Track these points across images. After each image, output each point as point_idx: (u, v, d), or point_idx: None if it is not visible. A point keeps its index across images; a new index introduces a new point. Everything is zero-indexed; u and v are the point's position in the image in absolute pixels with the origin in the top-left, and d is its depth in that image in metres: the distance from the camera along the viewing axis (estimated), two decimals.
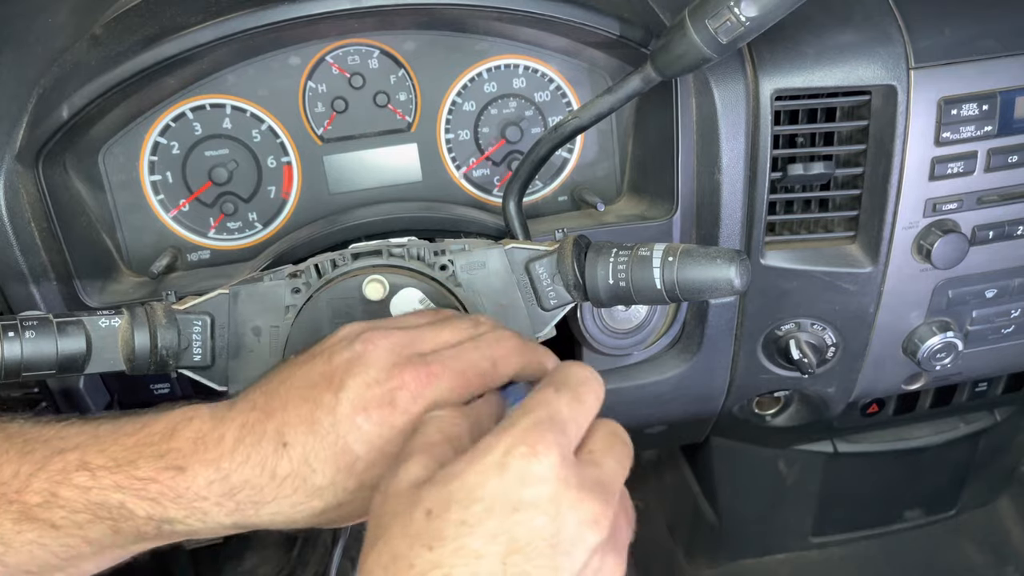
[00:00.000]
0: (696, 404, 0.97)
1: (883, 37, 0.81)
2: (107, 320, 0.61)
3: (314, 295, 0.63)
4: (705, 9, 0.64)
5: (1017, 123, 0.83)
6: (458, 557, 0.40)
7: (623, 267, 0.61)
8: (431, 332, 0.56)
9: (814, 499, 1.39)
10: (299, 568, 1.63)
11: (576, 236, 0.65)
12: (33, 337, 0.58)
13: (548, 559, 0.40)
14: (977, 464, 1.40)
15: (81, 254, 0.77)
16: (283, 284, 0.64)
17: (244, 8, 0.71)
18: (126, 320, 0.61)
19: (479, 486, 0.41)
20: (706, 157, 0.81)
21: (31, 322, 0.59)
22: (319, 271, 0.64)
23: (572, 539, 0.41)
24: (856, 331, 0.91)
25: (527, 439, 0.42)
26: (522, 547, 0.40)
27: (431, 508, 0.42)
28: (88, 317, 0.61)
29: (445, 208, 0.84)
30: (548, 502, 0.41)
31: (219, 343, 0.64)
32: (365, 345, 0.53)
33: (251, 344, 0.64)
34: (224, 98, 0.82)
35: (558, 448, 0.42)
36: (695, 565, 1.50)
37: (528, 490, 0.41)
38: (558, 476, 0.42)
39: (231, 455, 0.52)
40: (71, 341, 0.59)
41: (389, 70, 0.84)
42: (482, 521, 0.40)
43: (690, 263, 0.60)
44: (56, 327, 0.59)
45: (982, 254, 0.88)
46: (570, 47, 0.84)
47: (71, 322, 0.60)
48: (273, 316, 0.64)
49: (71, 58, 0.75)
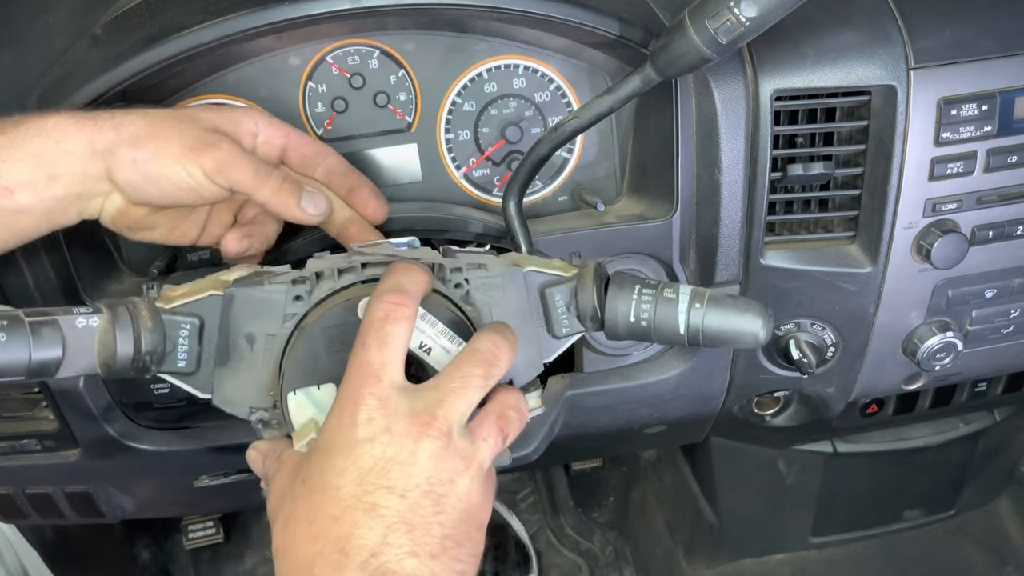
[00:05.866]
0: (696, 404, 0.97)
1: (883, 37, 0.81)
2: (84, 319, 0.55)
3: (308, 325, 0.59)
4: (705, 9, 0.64)
5: (1017, 123, 0.83)
6: (326, 495, 0.50)
7: (647, 306, 0.61)
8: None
9: (814, 499, 1.38)
10: None
11: (595, 265, 0.64)
12: (3, 341, 0.51)
13: (394, 469, 0.51)
14: (976, 464, 1.40)
15: (81, 254, 0.77)
16: (284, 290, 0.60)
17: (244, 8, 0.71)
18: (106, 320, 0.55)
19: (329, 446, 0.52)
20: (706, 157, 0.81)
21: (1, 321, 0.51)
22: (319, 277, 0.61)
23: (411, 450, 0.51)
24: (856, 331, 0.92)
25: (350, 398, 0.52)
26: (370, 468, 0.51)
27: (305, 476, 0.53)
28: (63, 316, 0.54)
29: (445, 208, 0.84)
30: (382, 432, 0.51)
31: (206, 348, 0.60)
32: None
33: (243, 352, 0.60)
34: (224, 98, 0.82)
35: (374, 397, 0.52)
36: (695, 565, 1.51)
37: (359, 430, 0.51)
38: (386, 412, 0.52)
39: None
40: (46, 345, 0.53)
41: (389, 70, 0.84)
42: (334, 465, 0.51)
43: (718, 312, 0.60)
44: (30, 329, 0.52)
45: (982, 254, 0.88)
46: (570, 47, 0.84)
47: (46, 323, 0.53)
48: (269, 324, 0.60)
49: (71, 58, 0.75)
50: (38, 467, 0.89)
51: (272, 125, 0.71)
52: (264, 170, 0.67)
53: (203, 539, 1.63)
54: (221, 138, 0.66)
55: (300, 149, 0.73)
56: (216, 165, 0.64)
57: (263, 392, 0.61)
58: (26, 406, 0.84)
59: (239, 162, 0.65)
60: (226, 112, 0.70)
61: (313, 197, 0.69)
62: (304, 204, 0.68)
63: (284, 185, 0.67)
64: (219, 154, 0.64)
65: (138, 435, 0.87)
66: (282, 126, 0.72)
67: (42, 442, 0.86)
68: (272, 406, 0.62)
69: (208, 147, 0.64)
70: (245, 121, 0.70)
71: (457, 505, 0.52)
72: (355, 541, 0.49)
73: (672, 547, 1.54)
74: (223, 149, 0.65)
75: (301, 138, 0.73)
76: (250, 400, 0.62)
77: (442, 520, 0.51)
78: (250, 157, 0.67)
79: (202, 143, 0.64)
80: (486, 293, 0.63)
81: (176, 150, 0.63)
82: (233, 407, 0.62)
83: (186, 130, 0.65)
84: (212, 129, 0.67)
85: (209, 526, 1.63)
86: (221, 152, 0.64)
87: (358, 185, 0.75)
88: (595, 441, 1.09)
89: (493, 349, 0.56)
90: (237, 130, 0.69)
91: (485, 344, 0.57)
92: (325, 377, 0.58)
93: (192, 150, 0.63)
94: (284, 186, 0.67)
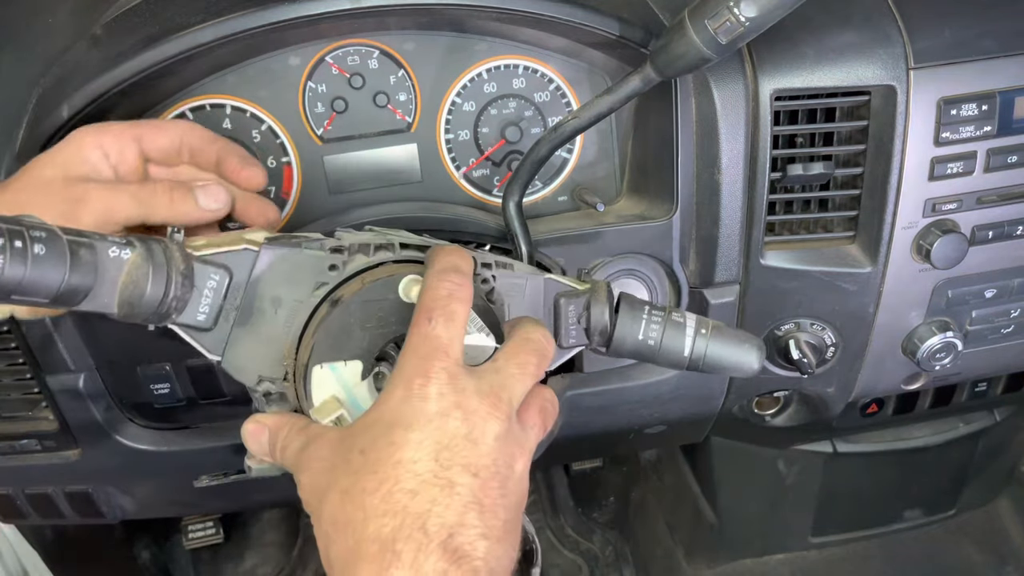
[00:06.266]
0: (696, 404, 0.97)
1: (882, 37, 0.81)
2: (117, 250, 0.50)
3: (345, 297, 0.57)
4: (705, 9, 0.64)
5: (1016, 123, 0.83)
6: (400, 468, 0.48)
7: (656, 328, 0.62)
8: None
9: (814, 499, 1.38)
10: (299, 568, 1.64)
11: (607, 283, 0.65)
12: (42, 255, 0.46)
13: (467, 447, 0.49)
14: (976, 464, 1.40)
15: None
16: (321, 257, 0.57)
17: (244, 8, 0.71)
18: (139, 255, 0.51)
19: (396, 417, 0.50)
20: (706, 157, 0.81)
21: (39, 233, 0.46)
22: (361, 250, 0.58)
23: (481, 430, 0.50)
24: (855, 331, 0.92)
25: (418, 370, 0.50)
26: (446, 444, 0.49)
27: (363, 447, 0.49)
28: (100, 242, 0.50)
29: (445, 208, 0.84)
30: (454, 407, 0.50)
31: (228, 305, 0.56)
32: None
33: (266, 315, 0.57)
34: (224, 98, 0.82)
35: (445, 372, 0.50)
36: (695, 565, 1.51)
37: (431, 404, 0.50)
38: (455, 389, 0.50)
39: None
40: (82, 270, 0.48)
41: (389, 70, 0.84)
42: (407, 438, 0.49)
43: (721, 342, 0.63)
44: (68, 248, 0.47)
45: (981, 254, 0.88)
46: (570, 47, 0.84)
47: (83, 244, 0.48)
48: (300, 289, 0.57)
49: (71, 58, 0.75)
50: (38, 467, 0.89)
51: (115, 135, 0.65)
52: (144, 191, 0.62)
53: (203, 539, 1.63)
54: (85, 187, 0.61)
55: (156, 144, 0.66)
56: (96, 218, 0.59)
57: (276, 361, 0.58)
58: (26, 406, 0.84)
59: (114, 200, 0.60)
60: (66, 151, 0.63)
61: (207, 190, 0.64)
62: (203, 202, 0.64)
63: (173, 194, 0.62)
64: (92, 205, 0.59)
65: (138, 435, 0.88)
66: (125, 131, 0.65)
67: (42, 442, 0.86)
68: (282, 377, 0.59)
69: (77, 204, 0.59)
70: (88, 149, 0.63)
71: (515, 489, 0.51)
72: (434, 519, 0.47)
73: (672, 547, 1.54)
74: (92, 198, 0.60)
75: (153, 132, 0.66)
76: (261, 368, 0.58)
77: (506, 503, 0.50)
78: (121, 187, 0.62)
79: (69, 203, 0.59)
80: (507, 293, 0.64)
81: None
82: (241, 373, 0.58)
83: (48, 202, 0.59)
84: (69, 180, 0.61)
85: (209, 526, 1.63)
86: (92, 202, 0.60)
87: (225, 155, 0.69)
88: (595, 441, 1.09)
89: (544, 341, 0.57)
90: (89, 167, 0.63)
91: (537, 335, 0.57)
92: (354, 353, 0.56)
93: (64, 218, 0.58)
94: (174, 195, 0.62)
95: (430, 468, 0.48)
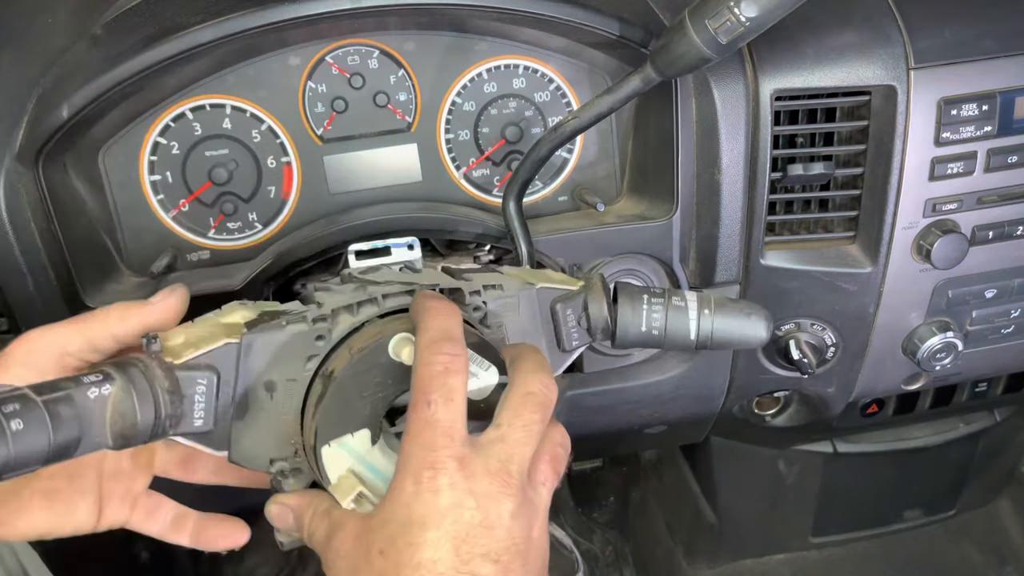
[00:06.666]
0: (696, 404, 0.97)
1: (883, 37, 0.81)
2: (96, 389, 0.48)
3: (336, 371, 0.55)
4: (705, 9, 0.64)
5: (1017, 123, 0.83)
6: (422, 570, 0.47)
7: (658, 315, 0.62)
8: None
9: (814, 499, 1.39)
10: (299, 568, 1.64)
11: (600, 276, 0.64)
12: (20, 430, 0.43)
13: (484, 535, 0.49)
14: (976, 464, 1.40)
15: (81, 254, 0.77)
16: (305, 331, 0.56)
17: (244, 8, 0.71)
18: (119, 388, 0.48)
19: (411, 515, 0.49)
20: (706, 157, 0.81)
21: (12, 407, 0.43)
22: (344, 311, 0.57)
23: (496, 512, 0.49)
24: (856, 331, 0.91)
25: (425, 462, 0.49)
26: (464, 537, 0.48)
27: (382, 548, 0.49)
28: (75, 389, 0.47)
29: (445, 208, 0.84)
30: (466, 496, 0.49)
31: (222, 402, 0.54)
32: None
33: (262, 402, 0.55)
34: (224, 98, 0.82)
35: (452, 460, 0.49)
36: (695, 565, 1.50)
37: (443, 498, 0.49)
38: (465, 476, 0.49)
39: None
40: (66, 427, 0.46)
41: (389, 70, 0.84)
42: (424, 537, 0.48)
43: (726, 317, 0.62)
44: (46, 411, 0.44)
45: (982, 254, 0.88)
46: (570, 47, 0.84)
47: (60, 399, 0.46)
48: (291, 368, 0.55)
49: (71, 58, 0.75)
50: None
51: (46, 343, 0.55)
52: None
53: None
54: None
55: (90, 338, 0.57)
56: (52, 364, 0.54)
57: (283, 441, 0.57)
58: None
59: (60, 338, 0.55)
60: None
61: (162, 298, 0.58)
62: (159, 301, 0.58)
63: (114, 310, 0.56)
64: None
65: None
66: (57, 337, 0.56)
67: None
68: (293, 454, 0.58)
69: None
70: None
71: (537, 557, 0.52)
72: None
73: (672, 547, 1.54)
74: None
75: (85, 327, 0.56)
76: (270, 452, 0.57)
77: (528, 569, 0.50)
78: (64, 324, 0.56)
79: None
80: (502, 313, 0.62)
81: None
82: (252, 462, 0.57)
83: None
84: None
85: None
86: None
87: None
88: (595, 441, 1.09)
89: (545, 391, 0.55)
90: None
91: (537, 386, 0.54)
92: (359, 423, 0.55)
93: None
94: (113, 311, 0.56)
95: (451, 564, 0.48)
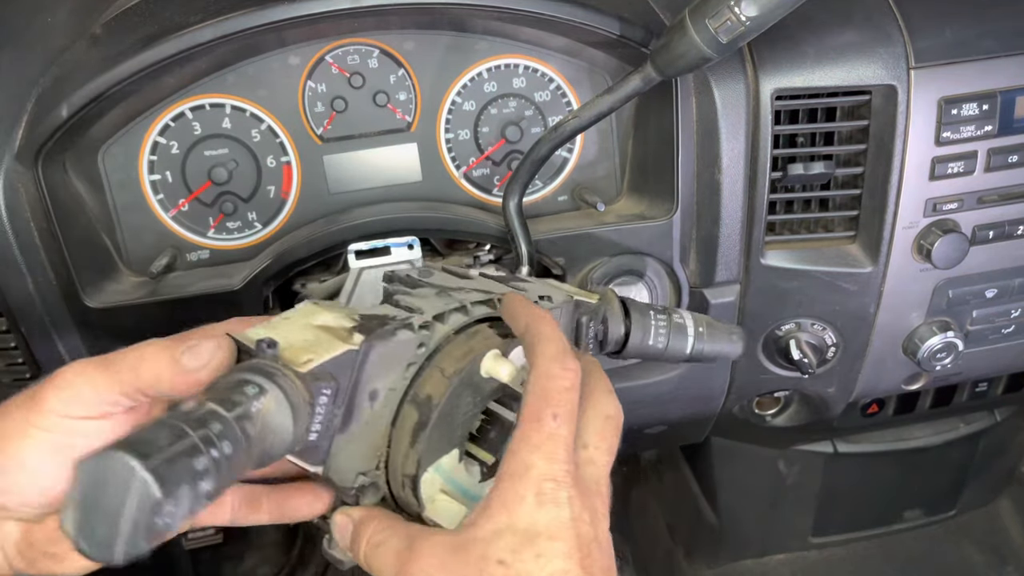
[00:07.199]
0: (696, 404, 0.97)
1: (883, 37, 0.81)
2: (257, 404, 0.44)
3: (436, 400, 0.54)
4: (705, 9, 0.64)
5: (1017, 123, 0.83)
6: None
7: (663, 331, 0.66)
8: None
9: (814, 499, 1.38)
10: (299, 568, 1.63)
11: (614, 291, 0.68)
12: (230, 453, 0.41)
13: (598, 551, 0.49)
14: (977, 464, 1.40)
15: (80, 254, 0.77)
16: (412, 339, 0.54)
17: (244, 8, 0.71)
18: (272, 399, 0.45)
19: (533, 524, 0.48)
20: (706, 157, 0.81)
21: (215, 428, 0.41)
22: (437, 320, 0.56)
23: (603, 529, 0.51)
24: (856, 331, 0.91)
25: (548, 474, 0.49)
26: (586, 552, 0.48)
27: (502, 558, 0.47)
28: (248, 402, 0.44)
29: (445, 208, 0.84)
30: (583, 511, 0.49)
31: (331, 414, 0.51)
32: None
33: (363, 411, 0.53)
34: (224, 98, 0.82)
35: (570, 475, 0.49)
36: (695, 565, 1.50)
37: (565, 510, 0.49)
38: (580, 492, 0.50)
39: None
40: (254, 448, 0.44)
41: (389, 70, 0.84)
42: (554, 548, 0.47)
43: (714, 336, 0.68)
44: (239, 430, 0.42)
45: (982, 254, 0.88)
46: (570, 47, 0.84)
47: (243, 416, 0.43)
48: (392, 376, 0.54)
49: (71, 58, 0.75)
50: None
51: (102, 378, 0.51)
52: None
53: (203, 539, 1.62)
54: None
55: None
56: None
57: (372, 454, 0.55)
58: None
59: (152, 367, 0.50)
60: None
61: (193, 351, 0.50)
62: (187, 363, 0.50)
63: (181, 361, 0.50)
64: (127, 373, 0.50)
65: None
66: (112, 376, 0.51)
67: None
68: (375, 467, 0.55)
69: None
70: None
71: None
72: None
73: (672, 548, 1.54)
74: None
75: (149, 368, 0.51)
76: (359, 465, 0.54)
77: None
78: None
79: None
80: None
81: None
82: (343, 477, 0.54)
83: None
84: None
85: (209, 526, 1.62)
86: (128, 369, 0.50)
87: None
88: None
89: (620, 416, 0.57)
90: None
91: (612, 409, 0.57)
92: (452, 444, 0.55)
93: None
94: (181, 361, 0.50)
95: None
